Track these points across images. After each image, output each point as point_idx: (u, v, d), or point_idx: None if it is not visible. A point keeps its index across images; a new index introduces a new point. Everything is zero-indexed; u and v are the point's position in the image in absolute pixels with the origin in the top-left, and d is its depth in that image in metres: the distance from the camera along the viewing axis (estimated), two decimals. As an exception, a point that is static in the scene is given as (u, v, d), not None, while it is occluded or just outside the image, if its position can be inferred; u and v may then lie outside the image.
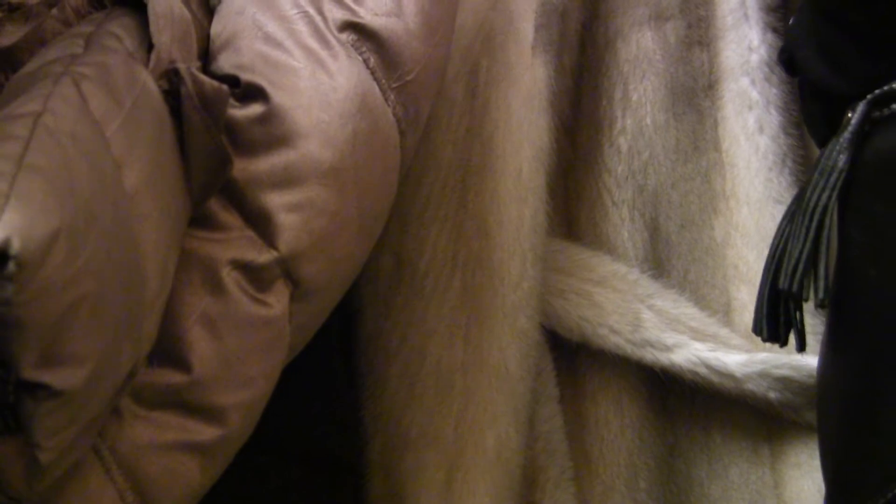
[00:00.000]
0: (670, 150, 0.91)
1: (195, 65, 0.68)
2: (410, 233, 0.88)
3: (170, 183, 0.63)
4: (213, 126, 0.65)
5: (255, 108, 0.69)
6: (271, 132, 0.69)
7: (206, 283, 0.67)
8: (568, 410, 0.92)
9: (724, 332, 0.87)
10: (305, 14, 0.72)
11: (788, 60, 0.70)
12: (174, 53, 0.65)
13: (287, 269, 0.70)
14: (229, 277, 0.67)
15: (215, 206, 0.68)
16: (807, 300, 0.64)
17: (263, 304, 0.68)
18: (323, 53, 0.71)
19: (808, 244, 0.64)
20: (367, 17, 0.72)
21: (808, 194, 0.64)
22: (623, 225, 0.91)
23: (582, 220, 0.93)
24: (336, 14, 0.72)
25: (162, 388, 0.65)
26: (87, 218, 0.52)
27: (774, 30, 0.89)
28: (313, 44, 0.71)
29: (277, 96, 0.69)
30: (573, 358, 0.92)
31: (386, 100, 0.73)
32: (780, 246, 0.65)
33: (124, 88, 0.60)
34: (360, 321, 0.89)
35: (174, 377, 0.65)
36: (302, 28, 0.71)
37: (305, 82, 0.70)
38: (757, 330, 0.66)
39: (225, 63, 0.71)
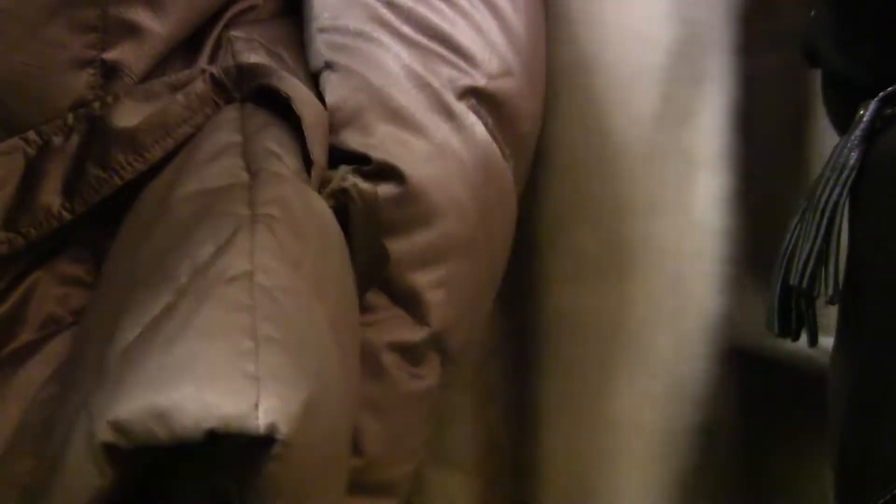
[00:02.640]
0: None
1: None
2: (626, 219, 0.89)
3: (350, 297, 0.65)
4: (378, 231, 0.69)
5: (391, 189, 0.71)
6: (410, 213, 0.71)
7: (367, 368, 0.69)
8: None
9: None
10: (427, 86, 0.73)
11: (810, 53, 0.71)
12: (322, 158, 0.69)
13: (438, 342, 0.73)
14: (388, 360, 0.71)
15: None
16: (817, 296, 0.65)
17: (419, 377, 0.72)
18: (448, 127, 0.72)
19: (819, 241, 0.64)
20: (482, 80, 0.74)
21: (818, 191, 0.65)
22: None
23: None
24: (455, 82, 0.73)
25: None
26: (320, 376, 0.54)
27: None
28: (438, 118, 0.72)
29: (413, 177, 0.71)
30: None
31: (504, 158, 0.75)
32: (792, 242, 0.66)
33: (305, 221, 0.62)
34: (545, 295, 0.91)
35: (351, 462, 0.67)
36: (425, 101, 0.73)
37: (436, 160, 0.72)
38: (769, 325, 0.67)
39: (352, 141, 0.72)
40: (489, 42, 0.74)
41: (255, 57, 0.72)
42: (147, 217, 0.64)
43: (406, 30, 0.73)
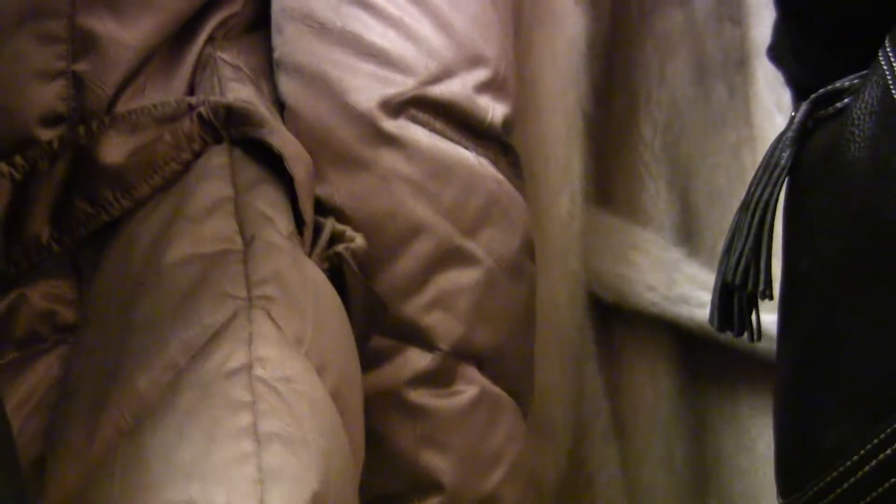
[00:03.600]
0: (699, 124, 0.91)
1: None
2: None
3: (352, 357, 0.66)
4: (370, 284, 0.70)
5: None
6: (373, 253, 0.71)
7: (402, 414, 0.72)
8: (607, 378, 0.95)
9: None
10: (362, 116, 0.72)
11: (775, 57, 0.71)
12: (312, 217, 0.69)
13: (459, 356, 0.73)
14: (416, 396, 0.72)
15: None
16: (752, 292, 0.66)
17: (458, 394, 0.73)
18: (389, 151, 0.71)
19: (751, 238, 0.65)
20: (419, 89, 0.72)
21: (752, 189, 0.66)
22: (659, 197, 0.93)
23: (618, 190, 0.95)
24: (391, 101, 0.72)
25: None
26: (325, 460, 0.55)
27: (810, 10, 0.87)
28: (377, 147, 0.71)
29: (363, 218, 0.71)
30: (609, 327, 0.95)
31: (469, 150, 0.74)
32: (729, 239, 0.67)
33: (302, 295, 0.62)
34: None
35: (434, 501, 0.72)
36: (361, 132, 0.72)
37: (383, 192, 0.71)
38: (710, 321, 0.69)
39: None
40: (424, 46, 0.72)
41: (242, 91, 0.71)
42: (138, 269, 0.64)
43: (337, 55, 0.72)
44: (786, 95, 0.87)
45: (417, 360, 0.72)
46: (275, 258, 0.63)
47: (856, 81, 0.62)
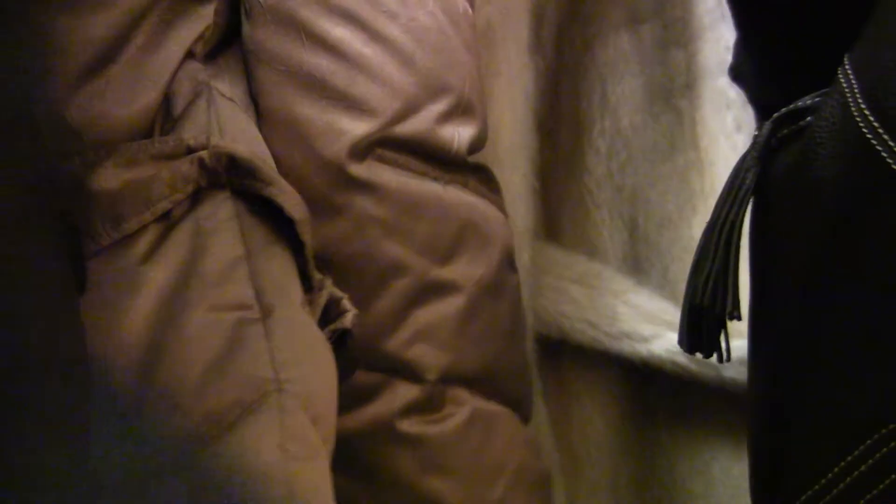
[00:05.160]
0: (647, 150, 0.91)
1: None
2: None
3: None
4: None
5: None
6: (355, 294, 0.71)
7: (398, 445, 0.73)
8: (555, 411, 0.94)
9: None
10: (329, 164, 0.72)
11: (737, 77, 0.72)
12: (317, 277, 0.70)
13: (448, 382, 0.74)
14: (408, 426, 0.73)
15: (356, 376, 0.72)
16: (720, 312, 0.66)
17: (449, 416, 0.74)
18: (359, 196, 0.72)
19: (718, 259, 0.65)
20: (384, 130, 0.72)
21: (718, 210, 0.66)
22: (603, 225, 0.93)
23: (563, 221, 0.95)
24: (358, 145, 0.72)
25: None
26: None
27: (752, 30, 0.88)
28: (347, 193, 0.72)
29: (344, 263, 0.72)
30: (558, 360, 0.95)
31: (437, 181, 0.75)
32: (696, 261, 0.67)
33: (316, 373, 0.64)
34: None
35: None
36: (332, 181, 0.72)
37: (357, 236, 0.72)
38: (680, 343, 0.68)
39: None
40: (389, 86, 0.72)
41: (242, 130, 0.71)
42: (151, 325, 0.63)
43: (304, 102, 0.72)
44: (730, 118, 0.88)
45: (406, 391, 0.73)
46: (295, 336, 0.64)
47: (817, 100, 0.62)
